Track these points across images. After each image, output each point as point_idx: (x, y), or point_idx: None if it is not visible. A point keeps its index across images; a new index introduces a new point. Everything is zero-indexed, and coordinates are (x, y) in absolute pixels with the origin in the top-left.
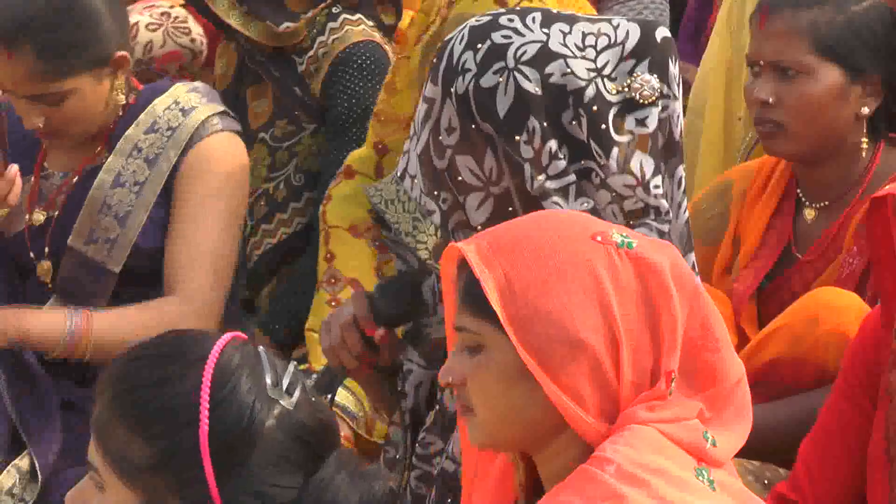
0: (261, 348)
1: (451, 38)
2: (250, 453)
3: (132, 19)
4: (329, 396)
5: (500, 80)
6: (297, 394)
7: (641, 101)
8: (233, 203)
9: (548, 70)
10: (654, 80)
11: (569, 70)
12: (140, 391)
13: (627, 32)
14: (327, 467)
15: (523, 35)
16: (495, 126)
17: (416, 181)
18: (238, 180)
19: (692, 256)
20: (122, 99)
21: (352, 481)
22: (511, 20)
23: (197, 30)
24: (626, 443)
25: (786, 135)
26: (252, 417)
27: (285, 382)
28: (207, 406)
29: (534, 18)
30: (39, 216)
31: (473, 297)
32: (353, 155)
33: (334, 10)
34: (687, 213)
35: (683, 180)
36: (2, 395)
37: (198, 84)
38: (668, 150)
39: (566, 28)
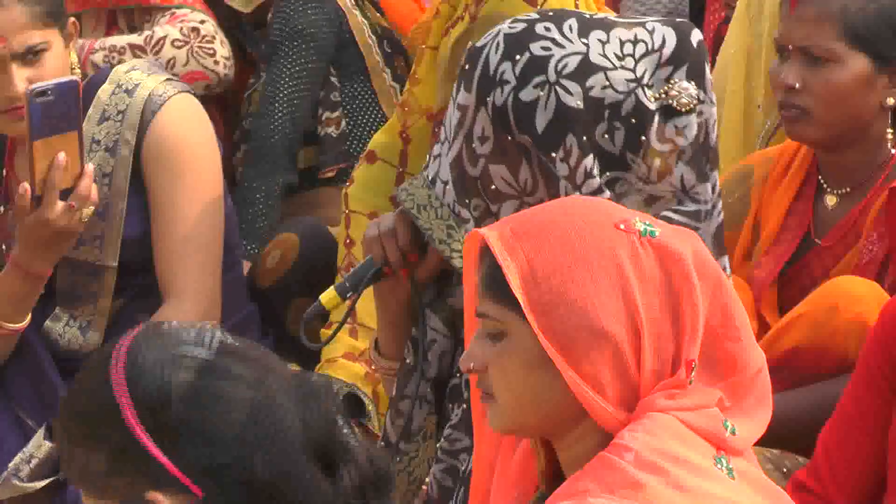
0: (171, 323)
1: (484, 45)
2: (178, 411)
3: (161, 32)
4: (352, 293)
5: (541, 94)
6: (214, 342)
7: (679, 108)
8: (206, 174)
9: (589, 83)
10: (692, 88)
11: (608, 83)
12: (71, 405)
13: (664, 38)
14: (267, 394)
15: (563, 46)
16: (533, 140)
17: (448, 187)
18: (204, 144)
19: (725, 259)
20: (78, 74)
21: (294, 403)
22: (548, 29)
23: (222, 52)
24: (645, 430)
25: (810, 120)
26: (167, 378)
27: (198, 337)
28: (125, 389)
29: (570, 27)
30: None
31: (496, 283)
32: (375, 140)
33: None
34: (721, 217)
35: (717, 185)
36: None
37: (136, 62)
38: (703, 157)
39: (604, 37)
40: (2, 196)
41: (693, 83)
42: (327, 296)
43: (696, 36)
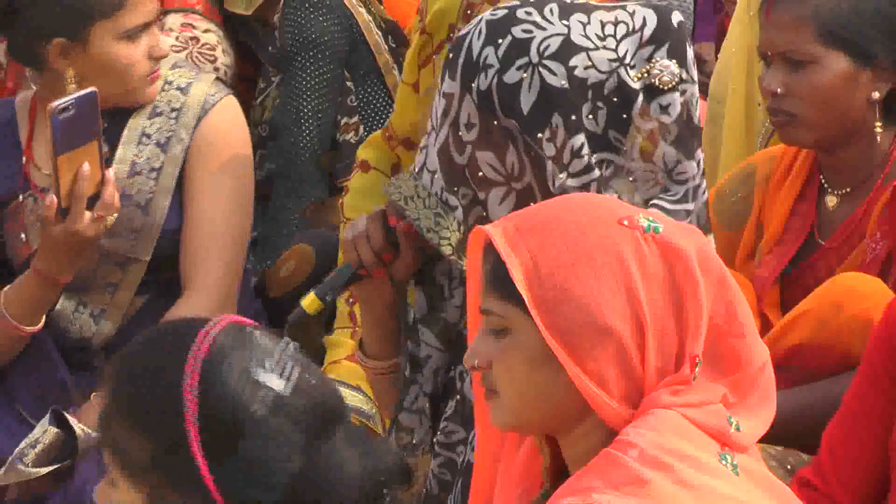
0: (255, 331)
1: (467, 33)
2: (243, 441)
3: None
4: (330, 296)
5: (525, 75)
6: (293, 376)
7: (662, 86)
8: (241, 177)
9: (572, 63)
10: (674, 66)
11: (590, 63)
12: (133, 385)
13: (644, 19)
14: (330, 445)
15: (544, 28)
16: (519, 122)
17: (436, 177)
18: (244, 146)
19: (711, 237)
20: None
21: (358, 458)
22: (529, 13)
23: (224, 60)
24: (649, 427)
25: (799, 124)
26: (240, 405)
27: (278, 365)
28: (194, 398)
29: (551, 10)
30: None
31: (500, 280)
32: (365, 153)
33: None
34: (705, 196)
35: (702, 163)
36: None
37: (173, 59)
38: (688, 134)
39: (584, 19)
40: (21, 184)
41: (675, 62)
42: (308, 300)
43: (677, 17)
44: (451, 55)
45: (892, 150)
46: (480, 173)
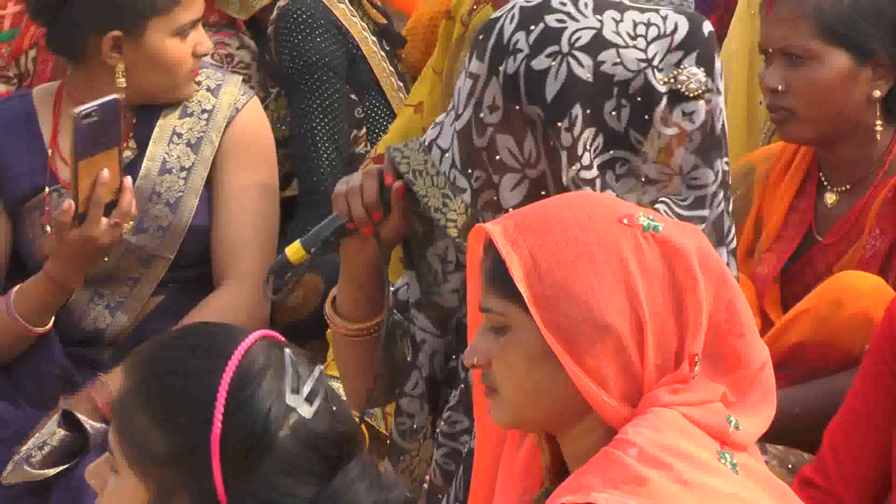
0: (287, 351)
1: (499, 16)
2: (262, 460)
3: None
4: (315, 247)
5: (553, 63)
6: (317, 402)
7: (688, 93)
8: (270, 174)
9: (601, 58)
10: (701, 74)
11: (619, 60)
12: (164, 380)
13: (676, 24)
14: (343, 476)
15: (577, 20)
16: (542, 109)
17: (446, 155)
18: (271, 145)
19: (723, 250)
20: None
21: (367, 491)
22: (563, 4)
23: (257, 78)
24: (648, 425)
25: (798, 121)
26: (267, 424)
27: (307, 389)
28: (223, 407)
29: (586, 4)
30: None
31: (499, 277)
32: (420, 90)
33: None
34: (720, 207)
35: (722, 173)
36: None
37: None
38: (709, 144)
39: (618, 16)
40: (49, 177)
41: (703, 70)
42: (293, 248)
43: (708, 26)
44: (481, 36)
45: (891, 147)
46: (498, 157)
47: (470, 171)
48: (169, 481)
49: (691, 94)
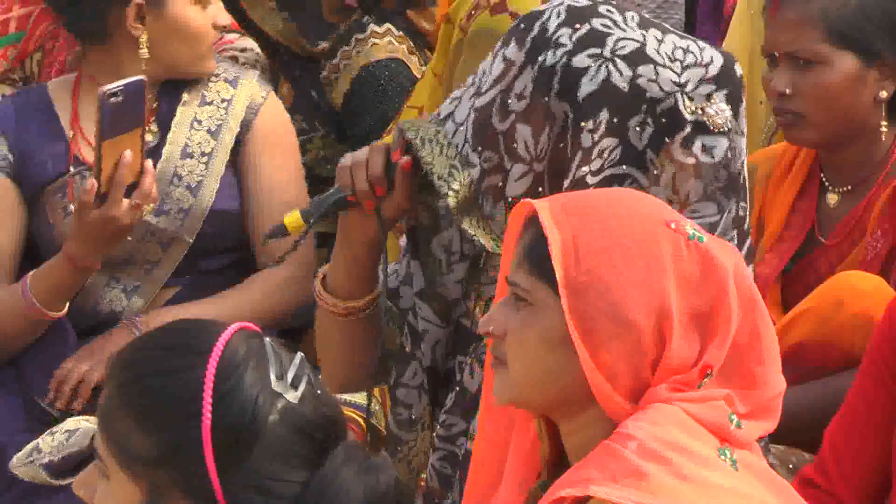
0: (267, 340)
1: (545, 10)
2: (253, 448)
3: None
4: (314, 218)
5: (593, 65)
6: (302, 387)
7: (713, 128)
8: (298, 161)
9: (639, 71)
10: (728, 112)
11: (655, 78)
12: (144, 381)
13: (712, 58)
14: (332, 460)
15: (623, 30)
16: (571, 106)
17: (461, 129)
18: (293, 136)
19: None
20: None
21: (357, 474)
22: (611, 11)
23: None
24: (649, 420)
25: (805, 124)
26: (255, 412)
27: (290, 375)
28: (210, 400)
29: (632, 17)
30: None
31: (535, 254)
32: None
33: (364, 19)
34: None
35: (741, 219)
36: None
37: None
38: (727, 185)
39: (660, 35)
40: (73, 159)
41: (730, 108)
42: (291, 217)
43: (739, 68)
44: (522, 26)
45: (893, 148)
46: (514, 145)
47: (481, 149)
48: (160, 481)
49: (716, 129)
